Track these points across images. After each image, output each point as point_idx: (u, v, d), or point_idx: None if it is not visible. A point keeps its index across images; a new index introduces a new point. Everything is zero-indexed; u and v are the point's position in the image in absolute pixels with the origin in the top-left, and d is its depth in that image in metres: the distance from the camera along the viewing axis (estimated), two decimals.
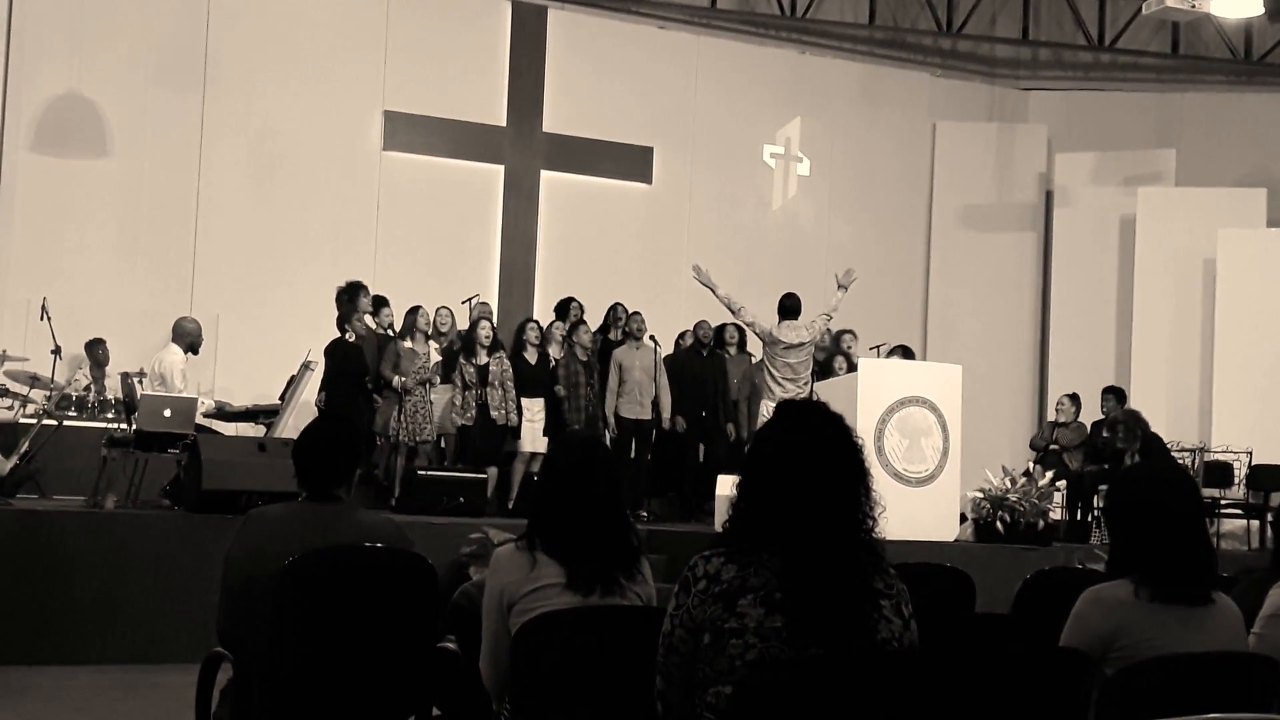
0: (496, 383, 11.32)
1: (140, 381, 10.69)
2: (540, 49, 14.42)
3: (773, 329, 11.15)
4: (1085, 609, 3.41)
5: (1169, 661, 3.19)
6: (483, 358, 11.39)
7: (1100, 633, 3.32)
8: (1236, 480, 13.11)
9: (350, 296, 11.36)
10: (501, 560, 3.63)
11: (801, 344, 11.04)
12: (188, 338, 11.05)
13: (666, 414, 11.97)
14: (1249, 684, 3.25)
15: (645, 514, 11.67)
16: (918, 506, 9.78)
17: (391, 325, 11.68)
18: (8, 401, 10.72)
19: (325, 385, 10.98)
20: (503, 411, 11.29)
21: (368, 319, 11.47)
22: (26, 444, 9.45)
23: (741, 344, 12.63)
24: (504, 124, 14.26)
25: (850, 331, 12.76)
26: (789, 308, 11.33)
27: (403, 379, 11.00)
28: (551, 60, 14.45)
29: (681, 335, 12.84)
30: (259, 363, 12.14)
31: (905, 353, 12.73)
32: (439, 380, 11.30)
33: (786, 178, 15.66)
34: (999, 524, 10.31)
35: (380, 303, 11.70)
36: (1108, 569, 3.56)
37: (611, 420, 11.70)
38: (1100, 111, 16.27)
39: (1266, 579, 4.02)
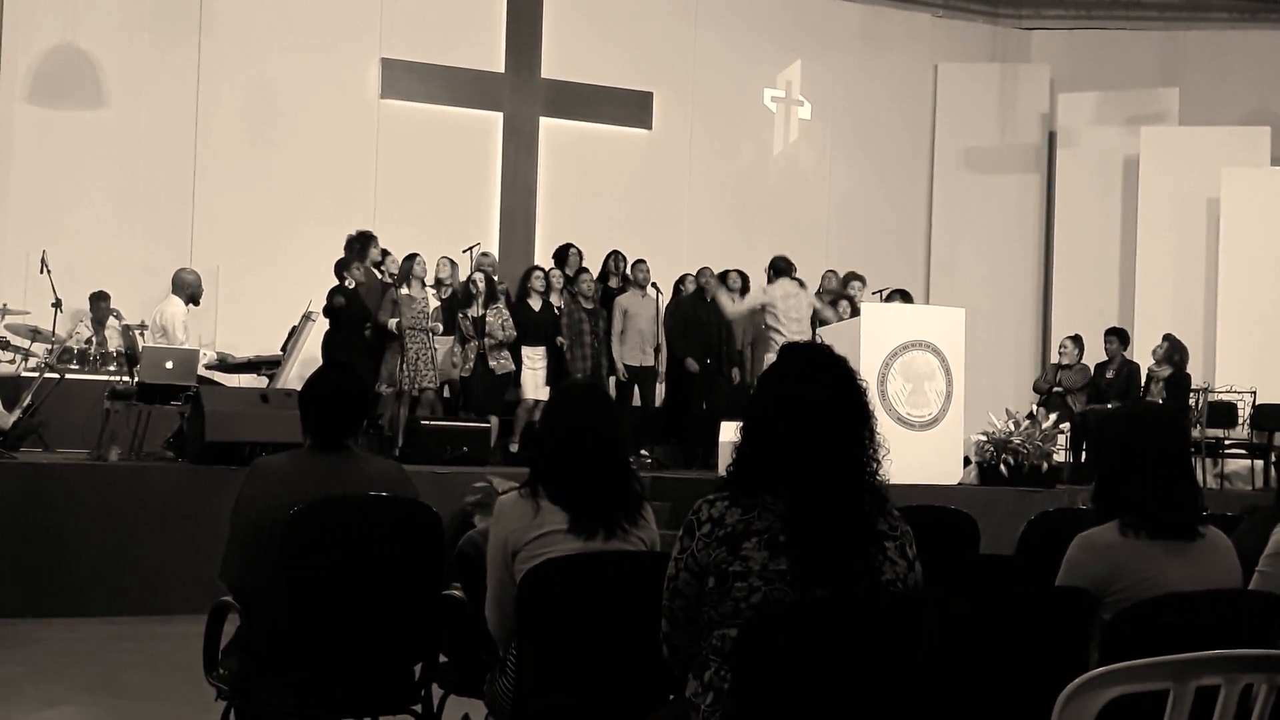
0: (493, 333, 11.34)
1: (141, 334, 10.68)
2: None
3: (763, 292, 11.35)
4: (1077, 555, 3.41)
5: (1171, 600, 3.20)
6: (478, 309, 11.40)
7: (1095, 577, 3.32)
8: (1241, 420, 13.12)
9: (361, 245, 11.36)
10: (505, 508, 3.63)
11: (790, 303, 11.25)
12: (188, 289, 11.03)
13: (662, 366, 12.02)
14: (1252, 621, 3.25)
15: (648, 458, 11.69)
16: (921, 450, 9.79)
17: (394, 275, 11.66)
18: (9, 355, 10.71)
19: (326, 335, 10.97)
20: (500, 361, 11.34)
21: (372, 268, 11.45)
22: (29, 397, 9.45)
23: (744, 288, 12.60)
24: (502, 70, 14.17)
25: (860, 278, 12.74)
26: (781, 268, 11.52)
27: (395, 320, 10.99)
28: (549, 5, 14.34)
29: (681, 280, 12.81)
30: (260, 314, 12.11)
31: (904, 297, 12.72)
32: (441, 329, 11.30)
33: (787, 121, 15.58)
34: (1003, 466, 10.33)
35: (384, 253, 11.68)
36: (1092, 506, 3.57)
37: (620, 366, 11.74)
38: (1103, 50, 16.16)
39: (1270, 517, 4.02)
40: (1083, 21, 16.56)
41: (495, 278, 12.01)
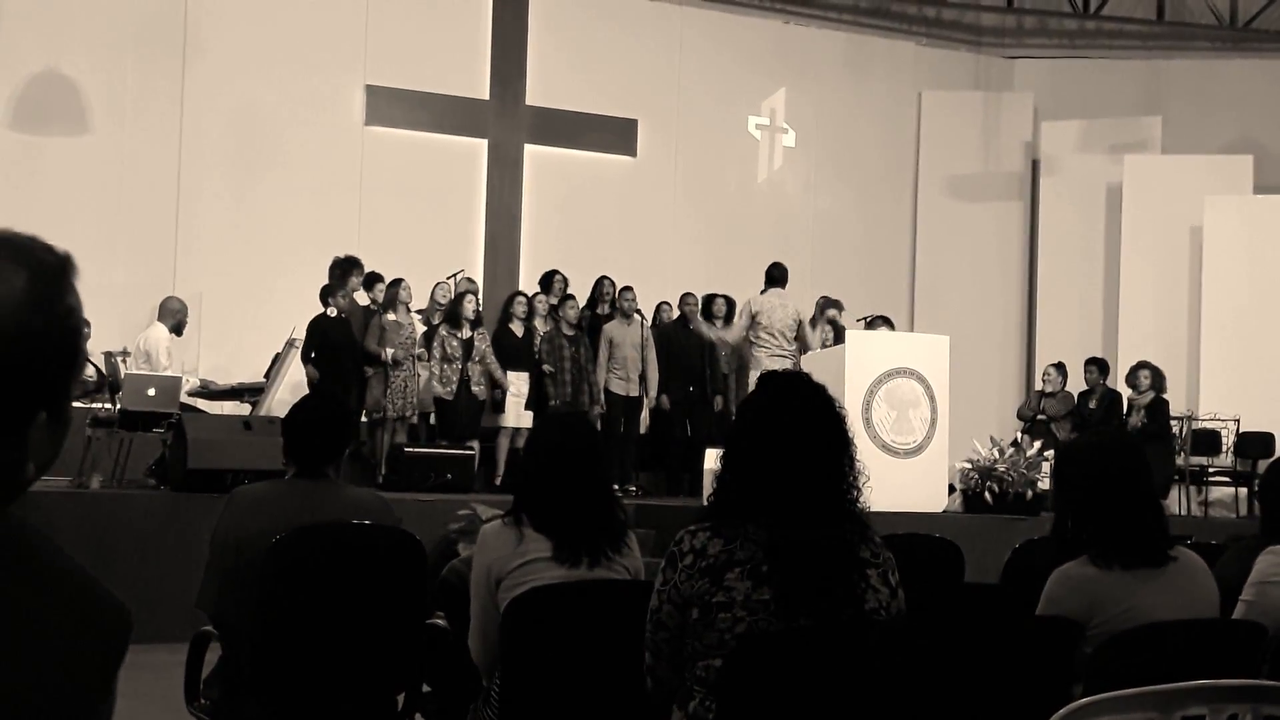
0: (478, 358, 11.34)
1: (124, 360, 10.65)
2: (522, 21, 14.35)
3: (751, 301, 11.30)
4: (1056, 590, 3.42)
5: (1154, 629, 3.20)
6: (466, 332, 11.39)
7: (1076, 610, 3.33)
8: (1224, 448, 13.15)
9: (343, 272, 11.33)
10: (488, 536, 3.62)
11: (775, 316, 11.17)
12: (174, 316, 11.02)
13: (654, 391, 11.98)
14: (1236, 650, 3.25)
15: (634, 489, 11.67)
16: (906, 478, 9.79)
17: (377, 302, 11.63)
18: None
19: (312, 361, 10.96)
20: (482, 386, 11.34)
21: (359, 295, 11.43)
22: None
23: (729, 315, 12.61)
24: (487, 97, 14.19)
25: (837, 304, 12.74)
26: (775, 277, 11.45)
27: (391, 350, 10.96)
28: (534, 32, 14.38)
29: (659, 307, 12.80)
30: (243, 341, 12.10)
31: (887, 323, 12.71)
32: (426, 355, 11.28)
33: (771, 149, 15.62)
34: (987, 494, 10.33)
35: (374, 279, 11.64)
36: (1052, 536, 3.58)
37: (600, 397, 11.73)
38: (1086, 79, 16.25)
39: (1255, 545, 4.03)
40: (1065, 50, 16.66)
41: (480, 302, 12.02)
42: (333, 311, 10.99)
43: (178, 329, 11.04)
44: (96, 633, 1.51)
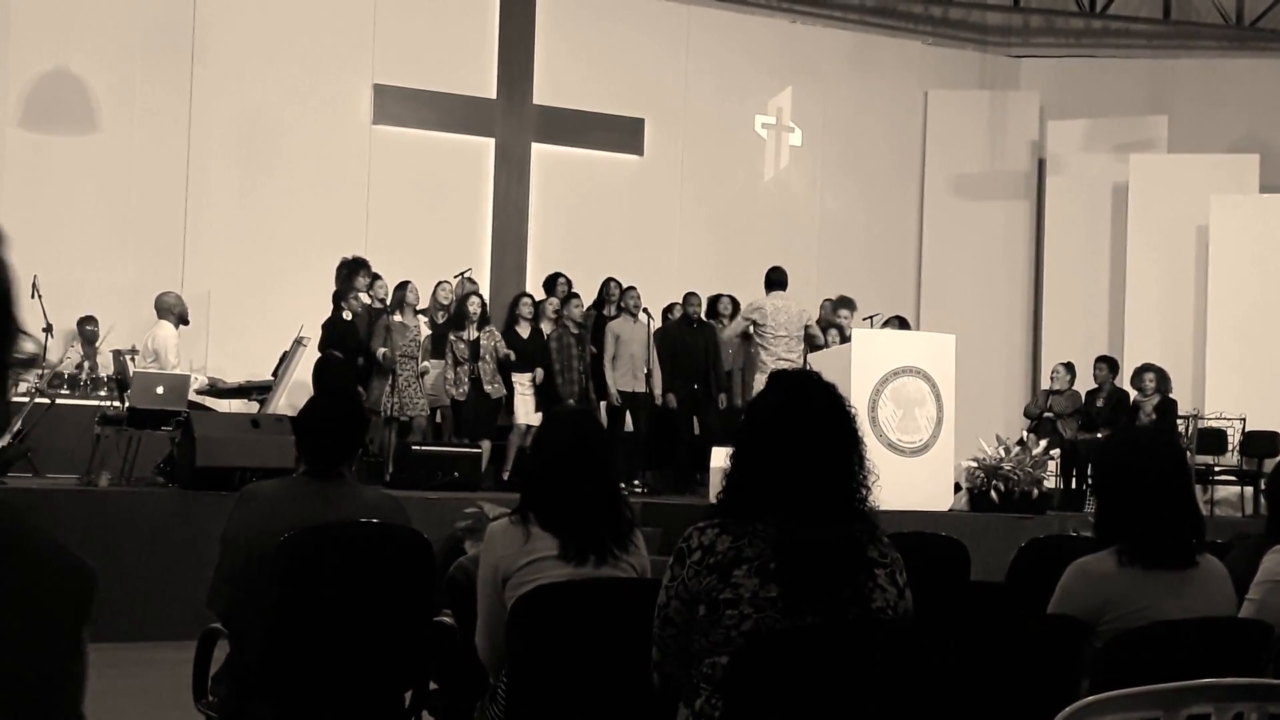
0: (488, 356, 11.37)
1: (132, 358, 10.67)
2: (530, 20, 14.37)
3: (753, 304, 11.30)
4: (1072, 582, 3.41)
5: (1162, 628, 3.20)
6: (472, 332, 11.42)
7: (1088, 605, 3.33)
8: (1230, 447, 13.16)
9: (349, 273, 11.36)
10: (495, 534, 3.63)
11: (780, 319, 11.12)
12: (174, 310, 11.01)
13: (659, 389, 11.99)
14: (1242, 648, 3.25)
15: (640, 487, 11.69)
16: (912, 476, 9.79)
17: (384, 300, 11.67)
18: None
19: (318, 362, 10.99)
20: (495, 385, 11.38)
21: (363, 295, 11.46)
22: (19, 422, 9.43)
23: (734, 315, 12.61)
24: (494, 96, 14.21)
25: (848, 304, 12.75)
26: (775, 280, 11.45)
27: (383, 350, 10.97)
28: (541, 31, 14.41)
29: (669, 308, 12.81)
30: (251, 339, 12.12)
31: (901, 323, 12.72)
32: (430, 369, 11.30)
33: (778, 148, 15.63)
34: (994, 493, 10.33)
35: (374, 277, 11.68)
36: (1095, 534, 3.57)
37: (614, 391, 11.76)
38: (1092, 78, 16.25)
39: (1261, 545, 4.02)
40: (1072, 49, 16.65)
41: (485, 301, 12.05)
42: (348, 314, 11.03)
43: (183, 320, 11.05)
44: (60, 594, 1.46)
